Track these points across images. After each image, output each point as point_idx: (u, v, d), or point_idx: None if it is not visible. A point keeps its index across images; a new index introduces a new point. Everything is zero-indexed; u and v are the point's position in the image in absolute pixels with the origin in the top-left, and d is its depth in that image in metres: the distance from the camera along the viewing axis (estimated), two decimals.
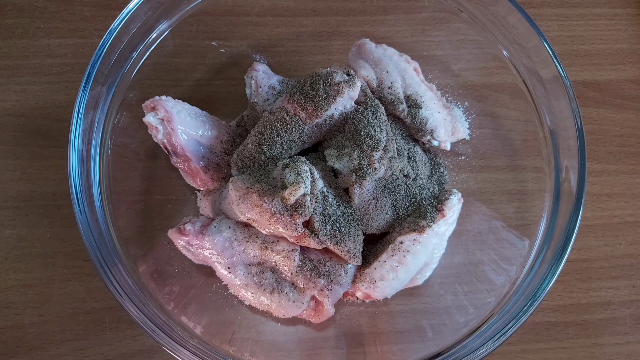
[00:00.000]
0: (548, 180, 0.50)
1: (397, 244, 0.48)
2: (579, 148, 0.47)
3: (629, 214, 0.59)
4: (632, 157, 0.60)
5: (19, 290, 0.51)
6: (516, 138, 0.55)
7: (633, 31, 0.64)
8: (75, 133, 0.45)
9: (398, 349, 0.50)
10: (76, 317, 0.51)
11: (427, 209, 0.49)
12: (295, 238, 0.46)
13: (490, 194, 0.55)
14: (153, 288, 0.46)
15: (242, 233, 0.48)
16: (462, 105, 0.56)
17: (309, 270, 0.47)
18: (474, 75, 0.57)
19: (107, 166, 0.48)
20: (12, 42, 0.58)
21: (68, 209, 0.51)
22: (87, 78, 0.45)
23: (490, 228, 0.53)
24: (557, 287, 0.55)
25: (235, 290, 0.48)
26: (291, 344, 0.50)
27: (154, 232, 0.51)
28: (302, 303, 0.47)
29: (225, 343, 0.46)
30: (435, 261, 0.50)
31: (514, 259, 0.50)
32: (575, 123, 0.47)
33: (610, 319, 0.55)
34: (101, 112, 0.47)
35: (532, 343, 0.54)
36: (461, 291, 0.51)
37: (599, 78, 0.63)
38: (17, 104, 0.56)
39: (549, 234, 0.48)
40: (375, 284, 0.48)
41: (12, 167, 0.54)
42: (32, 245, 0.53)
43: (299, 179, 0.44)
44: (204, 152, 0.50)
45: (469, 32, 0.55)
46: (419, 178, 0.52)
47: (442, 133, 0.54)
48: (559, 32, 0.64)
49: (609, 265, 0.57)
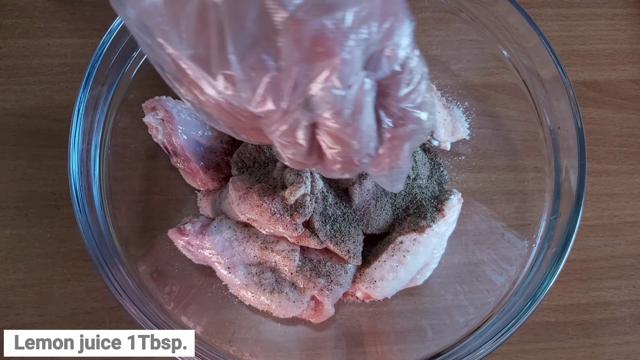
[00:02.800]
0: (548, 180, 0.50)
1: (397, 244, 0.48)
2: (579, 148, 0.47)
3: (629, 214, 0.59)
4: (632, 157, 0.60)
5: (19, 290, 0.51)
6: (516, 138, 0.55)
7: (633, 31, 0.64)
8: (75, 133, 0.45)
9: (398, 349, 0.50)
10: (76, 317, 0.51)
11: (427, 209, 0.49)
12: (295, 238, 0.46)
13: (490, 194, 0.55)
14: (153, 288, 0.46)
15: (242, 233, 0.48)
16: (462, 105, 0.56)
17: (309, 270, 0.47)
18: (474, 75, 0.57)
19: (107, 166, 0.48)
20: (12, 42, 0.58)
21: (68, 209, 0.50)
22: (87, 78, 0.45)
23: (490, 228, 0.53)
24: (557, 287, 0.55)
25: (235, 290, 0.48)
26: (291, 344, 0.50)
27: (154, 232, 0.51)
28: (302, 303, 0.47)
29: (225, 343, 0.46)
30: (435, 261, 0.50)
31: (514, 259, 0.50)
32: (575, 123, 0.47)
33: (610, 319, 0.55)
34: (101, 112, 0.47)
35: (532, 343, 0.54)
36: (461, 291, 0.51)
37: (599, 78, 0.63)
38: (17, 104, 0.56)
39: (549, 234, 0.48)
40: (375, 284, 0.48)
41: (12, 167, 0.54)
42: (32, 245, 0.53)
43: (299, 179, 0.44)
44: (204, 152, 0.50)
45: (469, 32, 0.55)
46: (419, 178, 0.52)
47: (442, 133, 0.54)
48: (559, 32, 0.64)
49: (609, 265, 0.57)
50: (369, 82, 0.26)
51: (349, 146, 0.27)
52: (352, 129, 0.27)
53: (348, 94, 0.25)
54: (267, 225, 0.45)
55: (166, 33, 0.24)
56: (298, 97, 0.25)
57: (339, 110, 0.25)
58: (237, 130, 0.30)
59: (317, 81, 0.24)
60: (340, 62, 0.24)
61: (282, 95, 0.25)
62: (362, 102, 0.26)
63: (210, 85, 0.25)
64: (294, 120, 0.26)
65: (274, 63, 0.24)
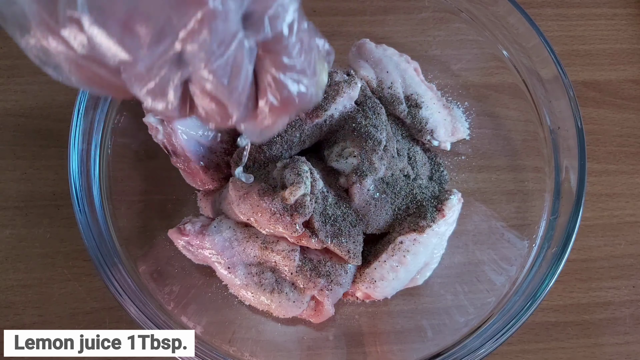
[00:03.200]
0: (548, 180, 0.50)
1: (397, 244, 0.48)
2: (579, 148, 0.47)
3: (629, 214, 0.59)
4: (632, 157, 0.60)
5: (19, 290, 0.51)
6: (516, 138, 0.55)
7: (633, 31, 0.64)
8: (75, 133, 0.45)
9: (398, 349, 0.50)
10: (76, 317, 0.51)
11: (427, 209, 0.49)
12: (295, 238, 0.46)
13: (490, 194, 0.55)
14: (153, 288, 0.46)
15: (242, 233, 0.48)
16: (462, 105, 0.56)
17: (309, 270, 0.47)
18: (474, 75, 0.57)
19: (107, 166, 0.48)
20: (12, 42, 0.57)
21: (68, 209, 0.50)
22: None
23: (490, 228, 0.53)
24: (557, 287, 0.55)
25: (235, 290, 0.48)
26: (291, 344, 0.50)
27: (154, 232, 0.51)
28: (302, 303, 0.47)
29: (225, 343, 0.46)
30: (435, 261, 0.50)
31: (514, 259, 0.50)
32: (575, 123, 0.47)
33: (610, 319, 0.55)
34: (101, 112, 0.47)
35: (532, 343, 0.54)
36: (461, 291, 0.51)
37: (599, 78, 0.63)
38: (17, 104, 0.56)
39: (549, 234, 0.48)
40: (375, 284, 0.48)
41: (12, 167, 0.54)
42: (32, 245, 0.53)
43: (299, 179, 0.44)
44: (204, 152, 0.50)
45: (469, 32, 0.55)
46: (419, 178, 0.52)
47: (442, 133, 0.54)
48: (559, 32, 0.64)
49: (609, 265, 0.57)
50: (247, 42, 0.24)
51: (223, 106, 0.26)
52: (227, 90, 0.25)
53: (224, 53, 0.23)
54: (267, 225, 0.45)
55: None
56: (164, 48, 0.22)
57: (213, 69, 0.23)
58: (94, 86, 0.26)
59: (187, 31, 0.22)
60: (211, 12, 0.21)
61: (143, 44, 0.22)
62: (240, 63, 0.24)
63: (57, 32, 0.22)
64: (161, 78, 0.24)
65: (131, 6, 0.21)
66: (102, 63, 0.23)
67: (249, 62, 0.25)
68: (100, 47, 0.22)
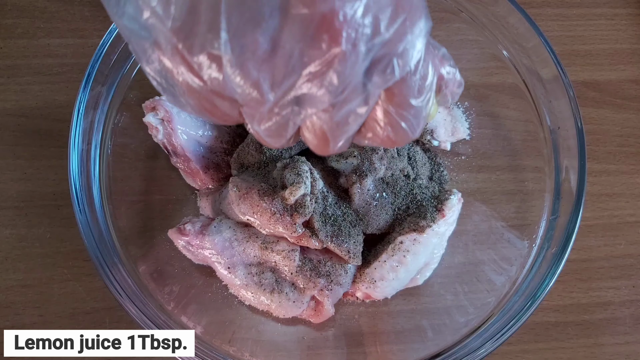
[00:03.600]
0: (548, 180, 0.50)
1: (397, 244, 0.48)
2: (579, 148, 0.47)
3: (629, 214, 0.59)
4: (632, 157, 0.60)
5: (19, 290, 0.51)
6: (516, 138, 0.55)
7: (633, 31, 0.64)
8: (75, 133, 0.45)
9: (398, 349, 0.50)
10: (76, 317, 0.51)
11: (427, 209, 0.49)
12: (296, 238, 0.46)
13: (490, 194, 0.55)
14: (153, 288, 0.46)
15: (242, 233, 0.48)
16: (462, 105, 0.56)
17: (309, 270, 0.47)
18: (474, 75, 0.57)
19: (107, 166, 0.48)
20: (12, 42, 0.58)
21: (68, 209, 0.50)
22: (87, 78, 0.45)
23: (490, 228, 0.53)
24: (557, 287, 0.55)
25: (235, 290, 0.48)
26: (291, 344, 0.50)
27: (154, 232, 0.51)
28: (302, 303, 0.47)
29: (225, 343, 0.46)
30: (435, 261, 0.50)
31: (514, 259, 0.50)
32: (575, 123, 0.47)
33: (610, 319, 0.55)
34: (101, 112, 0.47)
35: (532, 343, 0.54)
36: (461, 291, 0.51)
37: (599, 78, 0.63)
38: (17, 104, 0.56)
39: (549, 234, 0.48)
40: (375, 284, 0.48)
41: (12, 167, 0.54)
42: (32, 245, 0.53)
43: (299, 179, 0.44)
44: (204, 152, 0.50)
45: (469, 32, 0.54)
46: (419, 178, 0.52)
47: (442, 133, 0.54)
48: (559, 32, 0.64)
49: (609, 265, 0.57)
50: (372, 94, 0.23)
51: (327, 141, 0.25)
52: (340, 132, 0.25)
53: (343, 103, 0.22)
54: (267, 225, 0.45)
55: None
56: (290, 87, 0.22)
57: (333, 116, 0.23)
58: (206, 114, 0.26)
59: (313, 68, 0.21)
60: (342, 54, 0.21)
61: (274, 83, 0.22)
62: (362, 114, 0.24)
63: (190, 63, 0.22)
64: (282, 117, 0.24)
65: (269, 46, 0.21)
66: (227, 97, 0.23)
67: (370, 110, 0.24)
68: (233, 84, 0.22)
